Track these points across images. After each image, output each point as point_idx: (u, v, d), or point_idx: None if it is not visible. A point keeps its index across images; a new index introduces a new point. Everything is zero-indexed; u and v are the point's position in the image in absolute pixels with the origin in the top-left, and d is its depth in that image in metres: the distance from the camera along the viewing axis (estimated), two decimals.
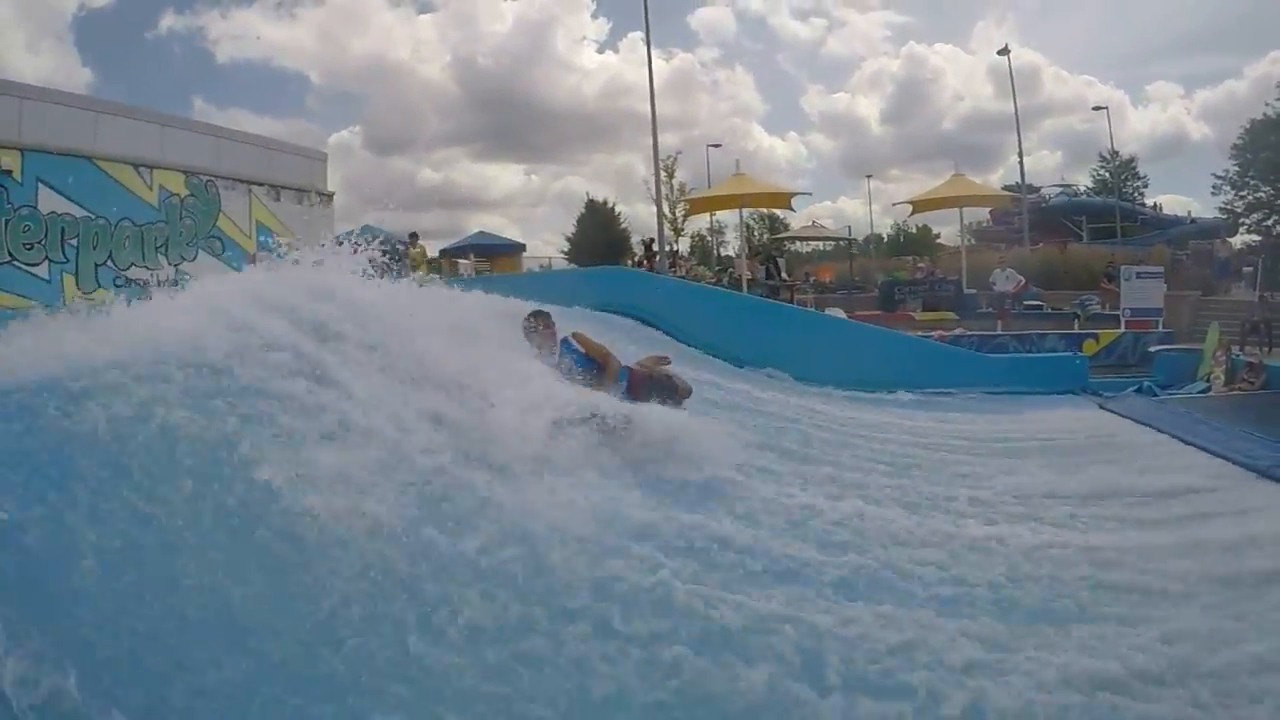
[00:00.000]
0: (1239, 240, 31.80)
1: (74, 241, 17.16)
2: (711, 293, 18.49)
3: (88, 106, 18.28)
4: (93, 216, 17.38)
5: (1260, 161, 39.73)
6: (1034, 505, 7.70)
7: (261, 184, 21.74)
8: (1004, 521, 7.08)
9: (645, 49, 26.94)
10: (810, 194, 53.58)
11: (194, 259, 19.42)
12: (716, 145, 41.06)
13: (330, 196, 24.89)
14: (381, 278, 7.49)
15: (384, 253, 7.79)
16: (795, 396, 13.03)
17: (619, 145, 74.18)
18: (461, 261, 31.84)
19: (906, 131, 65.61)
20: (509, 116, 64.31)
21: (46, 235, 16.76)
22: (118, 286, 17.18)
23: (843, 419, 11.83)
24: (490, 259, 32.98)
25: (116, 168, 18.08)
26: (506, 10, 70.42)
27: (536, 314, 8.18)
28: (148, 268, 18.39)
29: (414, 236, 23.31)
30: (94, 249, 17.36)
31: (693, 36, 75.33)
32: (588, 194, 46.06)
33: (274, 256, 6.96)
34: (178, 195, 19.37)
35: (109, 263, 17.77)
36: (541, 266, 33.33)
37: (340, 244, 7.36)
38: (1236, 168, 40.83)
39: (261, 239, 21.11)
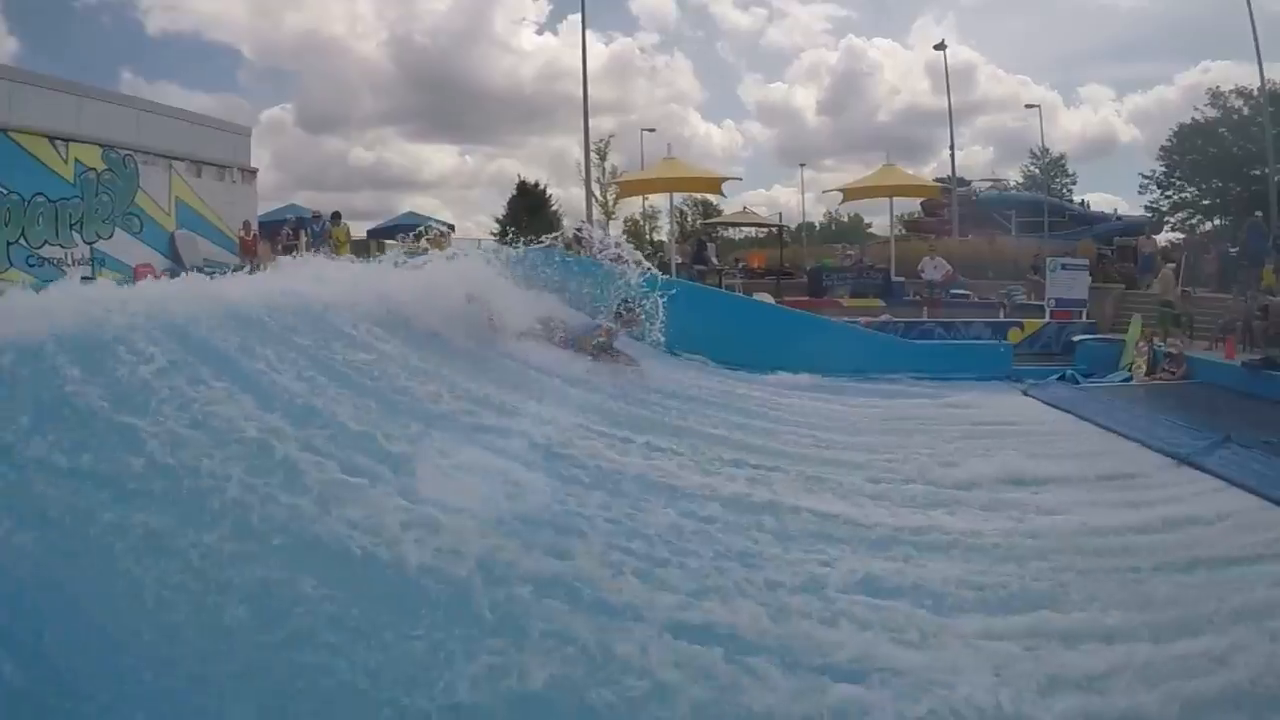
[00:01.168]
0: (1163, 238, 32.16)
1: None
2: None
3: (2, 76, 17.19)
4: (4, 192, 16.33)
5: (1186, 163, 40.68)
6: (953, 491, 7.56)
7: (182, 159, 20.75)
8: (923, 507, 6.98)
9: (582, 31, 26.43)
10: (741, 179, 53.26)
11: (110, 237, 18.41)
12: (651, 130, 40.66)
13: (254, 173, 23.96)
14: None
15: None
16: (714, 380, 12.73)
17: (555, 128, 73.56)
18: (388, 242, 31.15)
19: (842, 123, 65.74)
20: (445, 97, 63.10)
21: None
22: (30, 266, 16.26)
23: (760, 401, 11.57)
24: (418, 239, 32.19)
25: (31, 140, 16.95)
26: None
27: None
28: (62, 246, 17.42)
29: (336, 216, 22.61)
30: (5, 226, 16.30)
31: (633, 21, 74.67)
32: (519, 176, 45.42)
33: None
34: (94, 170, 18.26)
35: (21, 241, 16.73)
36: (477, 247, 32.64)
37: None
38: (1163, 169, 41.77)
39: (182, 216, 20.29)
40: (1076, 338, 17.08)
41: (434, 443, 5.93)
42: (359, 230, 32.12)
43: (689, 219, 45.15)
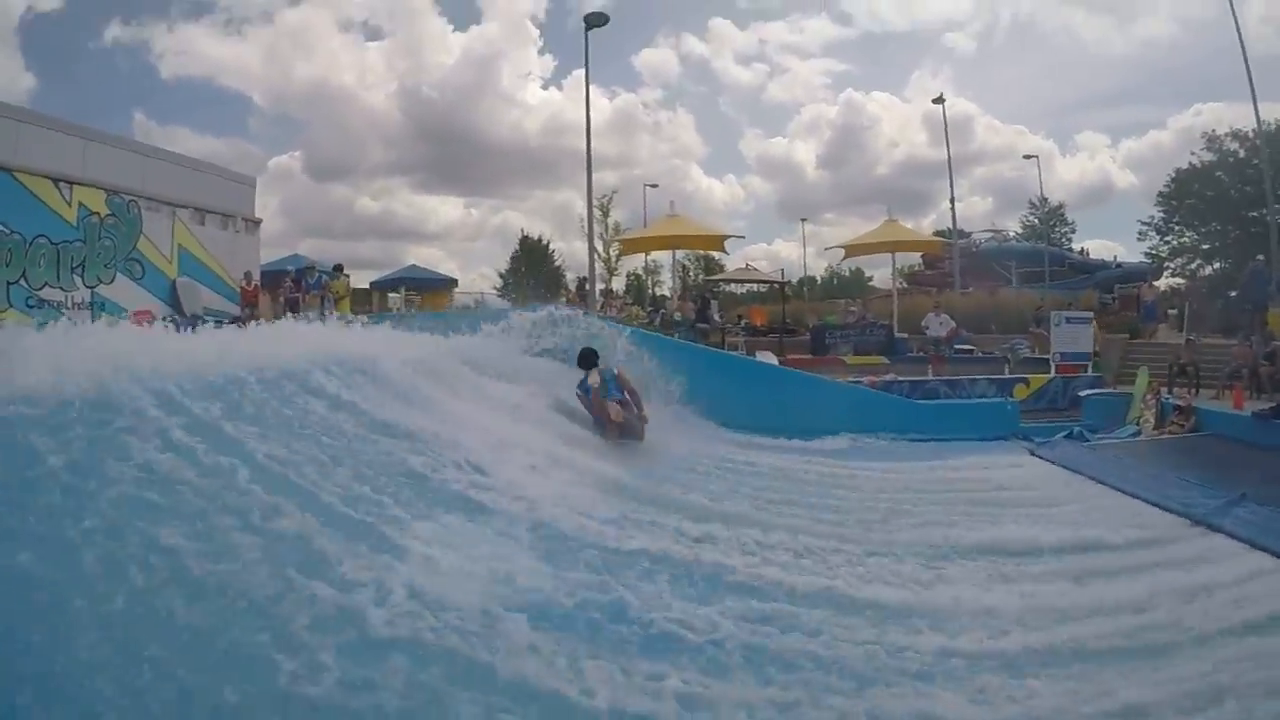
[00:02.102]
0: (1164, 284, 32.22)
1: None
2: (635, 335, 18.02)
3: (8, 115, 17.30)
4: (7, 231, 16.43)
5: (1185, 208, 40.87)
6: (967, 560, 7.41)
7: (186, 206, 20.89)
8: (936, 580, 6.79)
9: (585, 87, 26.68)
10: (743, 236, 53.74)
11: (111, 282, 18.51)
12: (654, 185, 41.10)
13: (258, 223, 24.12)
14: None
15: None
16: (719, 445, 12.63)
17: (560, 182, 74.51)
18: (391, 295, 31.32)
19: (842, 176, 66.76)
20: (451, 149, 64.09)
21: None
22: (30, 307, 16.40)
23: (768, 466, 11.45)
24: (421, 293, 32.43)
25: (35, 182, 17.18)
26: (454, 42, 70.25)
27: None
28: (62, 289, 17.48)
29: (338, 268, 22.74)
30: (6, 266, 16.39)
31: (636, 77, 76.09)
32: (522, 230, 45.66)
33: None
34: (98, 214, 18.48)
35: (21, 281, 16.78)
36: (476, 302, 32.76)
37: None
38: (1162, 214, 41.97)
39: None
40: (1083, 393, 16.96)
41: None
42: (363, 280, 32.31)
43: (691, 273, 45.30)
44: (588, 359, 11.45)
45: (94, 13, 54.10)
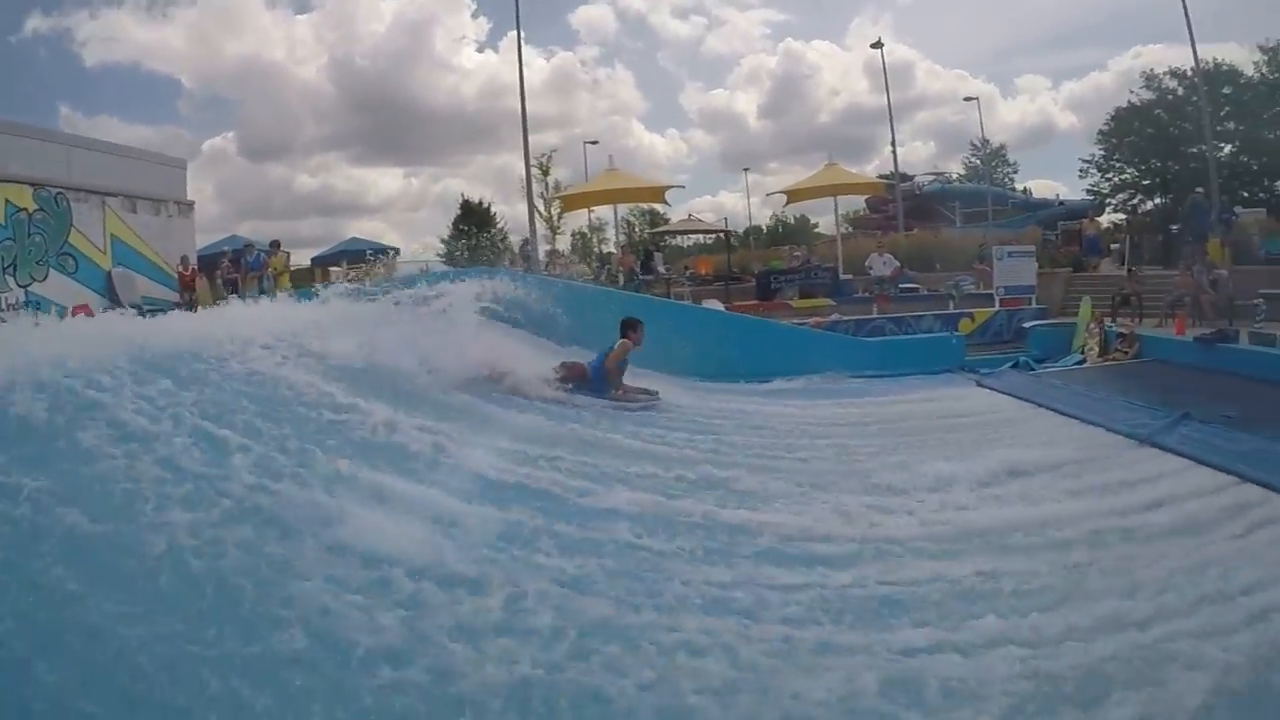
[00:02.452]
0: (1106, 219, 32.43)
1: None
2: (579, 290, 17.73)
3: None
4: None
5: (1125, 146, 41.08)
6: (925, 487, 7.25)
7: (116, 195, 20.13)
8: (898, 507, 6.70)
9: (522, 46, 26.22)
10: (683, 187, 53.33)
11: (45, 279, 17.80)
12: (594, 142, 40.56)
13: (191, 206, 23.36)
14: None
15: None
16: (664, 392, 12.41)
17: (499, 145, 73.29)
18: (333, 269, 30.72)
19: (784, 126, 66.20)
20: (388, 119, 62.50)
21: None
22: None
23: (713, 410, 11.24)
24: (364, 264, 31.84)
25: None
26: (385, 9, 68.17)
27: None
28: None
29: (275, 244, 22.13)
30: None
31: (573, 35, 74.70)
32: (463, 195, 44.98)
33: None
34: (25, 210, 17.69)
35: None
36: (422, 270, 32.20)
37: None
38: (1103, 152, 42.11)
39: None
40: (1027, 324, 16.98)
41: None
42: (303, 258, 31.67)
43: (636, 229, 44.93)
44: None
45: (11, 4, 51.93)
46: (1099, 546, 5.71)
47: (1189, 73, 36.29)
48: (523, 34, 26.67)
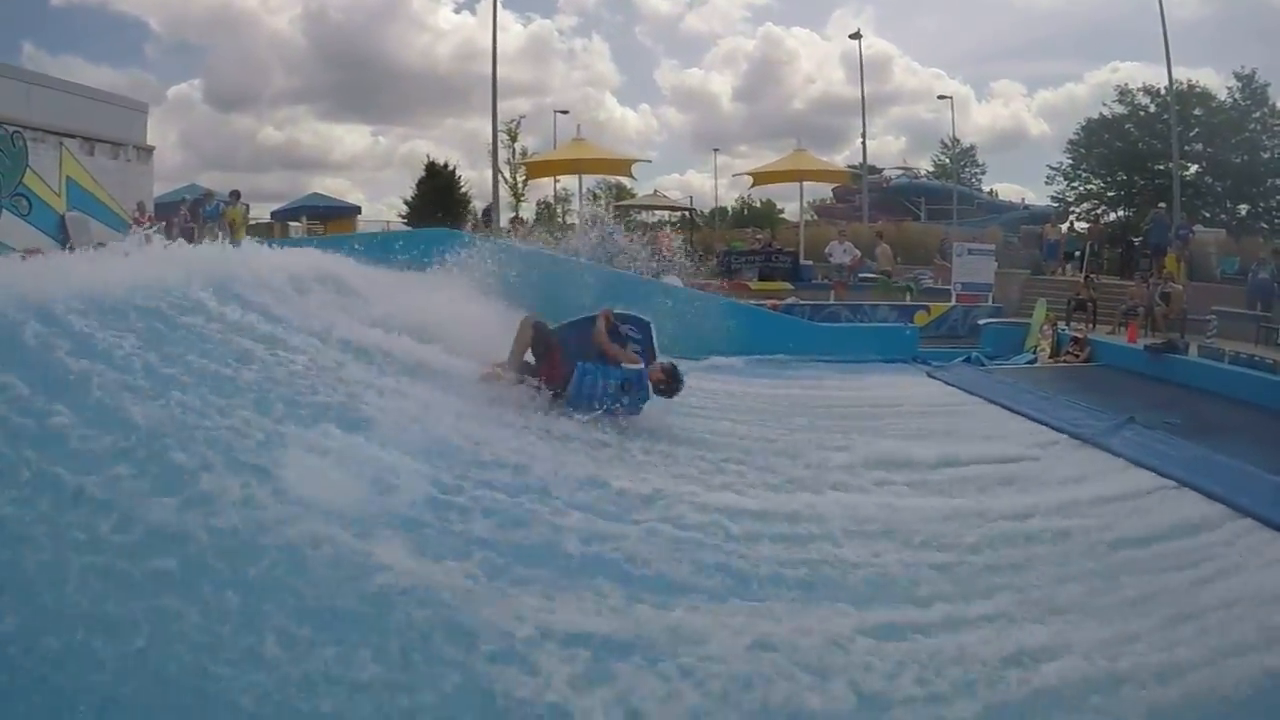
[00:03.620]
0: (1068, 227, 32.71)
1: None
2: (532, 255, 17.50)
3: None
4: None
5: (1093, 157, 41.49)
6: (863, 471, 7.26)
7: (74, 136, 19.52)
8: (831, 490, 6.68)
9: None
10: (650, 161, 53.31)
11: None
12: (564, 111, 40.15)
13: (150, 151, 22.72)
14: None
15: None
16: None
17: (470, 109, 72.70)
18: (293, 224, 30.27)
19: (757, 110, 65.95)
20: (359, 75, 61.48)
21: None
22: None
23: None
24: (324, 221, 31.38)
25: None
26: None
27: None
28: None
29: (235, 194, 21.66)
30: None
31: (551, 3, 74.03)
32: (428, 156, 44.42)
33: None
34: None
35: None
36: (384, 229, 31.81)
37: None
38: (1070, 161, 42.49)
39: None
40: (982, 321, 17.03)
41: None
42: (264, 212, 31.16)
43: (602, 202, 44.67)
44: None
45: None
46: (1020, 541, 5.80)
47: (1162, 91, 36.73)
48: None
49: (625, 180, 37.03)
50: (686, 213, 29.91)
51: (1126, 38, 58.47)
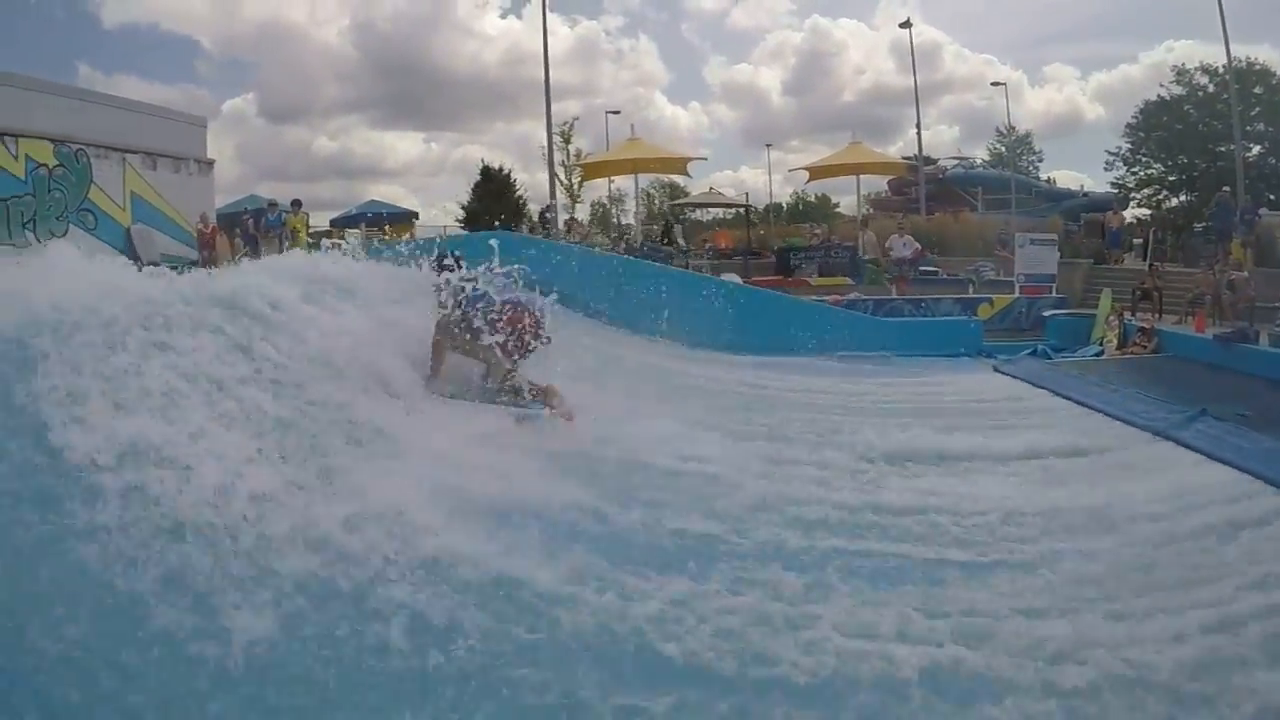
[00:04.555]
0: (1130, 214, 32.23)
1: None
2: (600, 257, 17.78)
3: None
4: None
5: (1152, 140, 40.69)
6: (934, 466, 7.39)
7: (136, 152, 20.14)
8: (909, 484, 6.79)
9: (543, 12, 26.03)
10: (706, 158, 53.27)
11: (64, 234, 17.83)
12: (615, 112, 40.15)
13: (211, 164, 23.32)
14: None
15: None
16: (690, 364, 12.46)
17: (520, 113, 72.99)
18: (351, 231, 30.76)
19: (808, 103, 65.69)
20: (408, 83, 62.25)
21: None
22: None
23: (735, 382, 11.33)
24: (382, 228, 31.85)
25: None
26: None
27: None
28: (14, 245, 16.87)
29: (296, 203, 22.16)
30: None
31: (597, 4, 74.59)
32: (483, 161, 44.81)
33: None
34: (46, 166, 17.73)
35: None
36: (440, 236, 32.18)
37: None
38: (1129, 145, 41.75)
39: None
40: (1047, 313, 16.97)
41: None
42: (322, 220, 31.69)
43: (656, 201, 44.81)
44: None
45: None
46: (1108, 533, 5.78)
47: (1220, 69, 35.97)
48: (547, 1, 26.47)
49: (678, 179, 37.20)
50: (743, 209, 29.92)
51: (1180, 15, 57.05)
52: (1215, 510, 6.24)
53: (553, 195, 27.76)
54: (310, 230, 23.24)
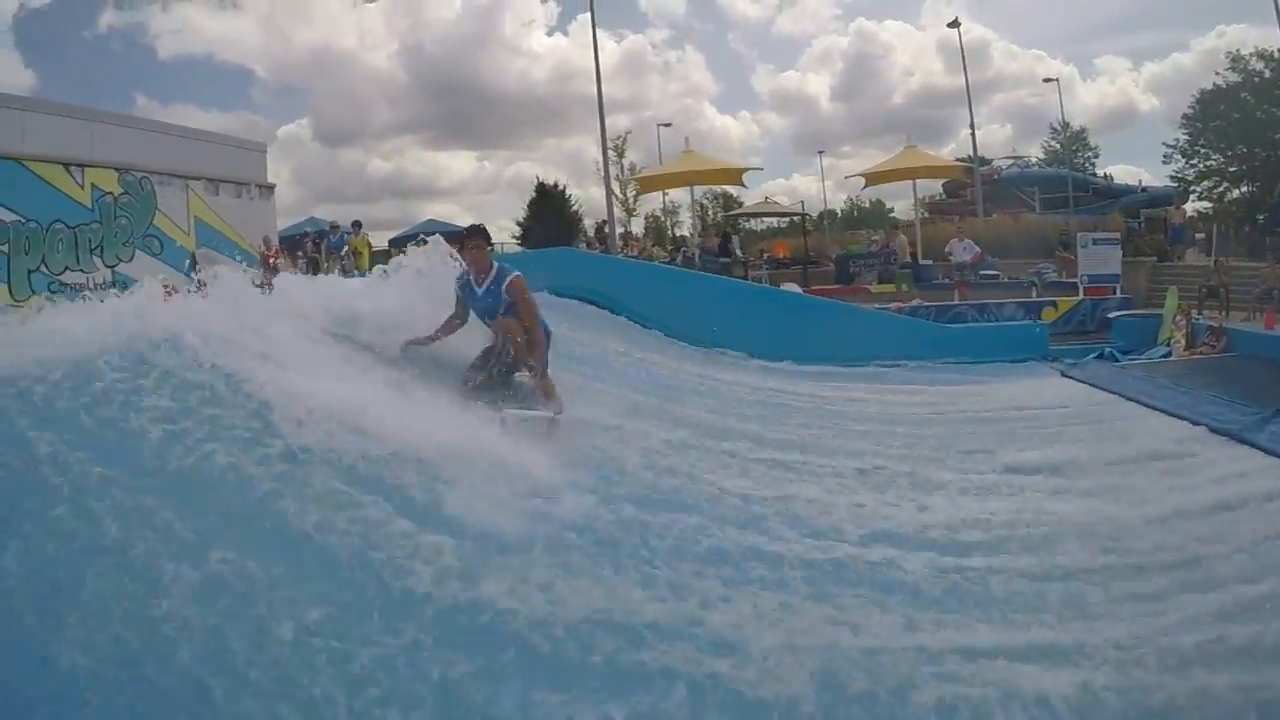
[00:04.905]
0: (1190, 207, 31.74)
1: (4, 248, 16.35)
2: (662, 271, 18.05)
3: (13, 105, 17.35)
4: (23, 220, 16.54)
5: (1211, 130, 39.97)
6: (1008, 478, 7.48)
7: (199, 178, 20.84)
8: (980, 496, 6.90)
9: (593, 30, 26.40)
10: (762, 169, 52.82)
11: (131, 259, 18.56)
12: (667, 124, 40.55)
13: (271, 188, 24.02)
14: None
15: None
16: (753, 376, 12.68)
17: (570, 129, 73.35)
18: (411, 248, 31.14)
19: (857, 108, 65.38)
20: (459, 103, 63.10)
21: None
22: (52, 292, 16.45)
23: (797, 393, 11.49)
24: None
25: (46, 168, 17.26)
26: None
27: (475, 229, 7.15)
28: (83, 271, 17.56)
29: (357, 225, 22.64)
30: (26, 254, 16.52)
31: (642, 18, 74.20)
32: (538, 178, 45.29)
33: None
34: (111, 194, 18.50)
35: (42, 268, 16.92)
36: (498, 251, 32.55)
37: None
38: (1187, 137, 41.06)
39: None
40: (1112, 314, 16.84)
41: None
42: (380, 240, 32.35)
43: (710, 212, 44.95)
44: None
45: (86, 1, 52.99)
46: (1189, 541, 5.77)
47: (1276, 54, 35.40)
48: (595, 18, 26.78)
49: (731, 189, 37.34)
50: (798, 218, 29.98)
51: None
52: None
53: (610, 211, 28.05)
54: (372, 250, 23.76)
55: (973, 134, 33.22)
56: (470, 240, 6.99)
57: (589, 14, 26.22)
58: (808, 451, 8.00)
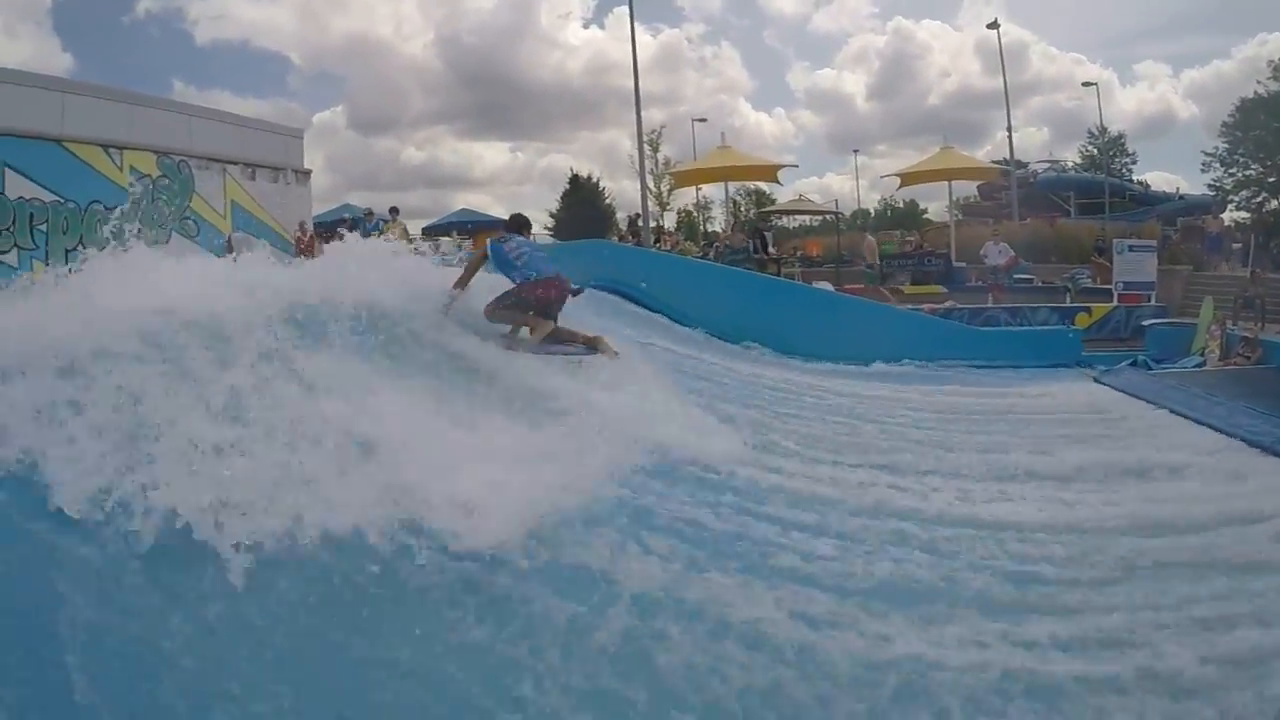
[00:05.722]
0: (1228, 217, 31.46)
1: (43, 227, 16.58)
2: (694, 265, 18.16)
3: (53, 87, 17.56)
4: (62, 201, 16.81)
5: (1250, 139, 39.63)
6: (1035, 481, 7.48)
7: (236, 163, 21.11)
8: (1006, 499, 6.89)
9: (630, 23, 26.57)
10: (797, 165, 52.79)
11: (167, 241, 18.79)
12: (702, 120, 40.65)
13: (308, 174, 24.24)
14: None
15: None
16: (782, 371, 12.76)
17: (605, 122, 73.69)
18: (444, 239, 31.50)
19: (893, 108, 65.38)
20: (494, 94, 63.65)
21: (15, 222, 16.15)
22: None
23: (830, 391, 11.55)
24: (473, 236, 32.59)
25: (85, 150, 17.46)
26: None
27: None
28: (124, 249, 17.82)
29: (394, 211, 22.84)
30: (64, 234, 16.77)
31: (678, 13, 74.38)
32: (571, 170, 45.48)
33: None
34: (149, 176, 18.75)
35: (80, 248, 17.19)
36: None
37: None
38: (1226, 145, 40.74)
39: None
40: (1147, 322, 16.74)
41: None
42: (414, 228, 32.60)
43: (743, 209, 44.99)
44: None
45: None
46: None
47: None
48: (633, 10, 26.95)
49: (764, 186, 37.39)
50: (831, 216, 30.01)
51: (1272, 4, 55.24)
52: None
53: (645, 206, 28.19)
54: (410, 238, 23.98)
55: (1009, 136, 33.22)
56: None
57: (626, 7, 26.35)
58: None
